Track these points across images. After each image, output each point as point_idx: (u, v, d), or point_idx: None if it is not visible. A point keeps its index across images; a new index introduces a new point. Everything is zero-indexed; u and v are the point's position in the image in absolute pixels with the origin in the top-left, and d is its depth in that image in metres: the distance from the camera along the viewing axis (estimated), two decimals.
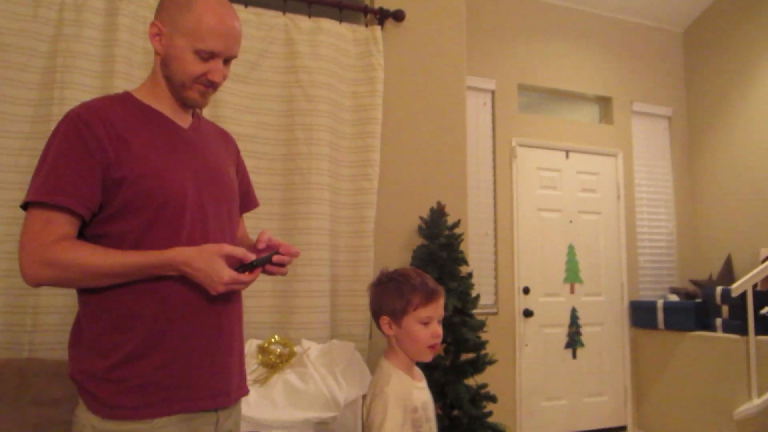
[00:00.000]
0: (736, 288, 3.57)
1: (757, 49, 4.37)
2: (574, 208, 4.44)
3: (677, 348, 4.06)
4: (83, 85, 2.60)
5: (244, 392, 1.33)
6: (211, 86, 1.25)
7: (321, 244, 2.94)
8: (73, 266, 1.11)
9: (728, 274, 4.38)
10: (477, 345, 2.87)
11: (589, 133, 4.56)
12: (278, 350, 2.62)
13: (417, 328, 1.42)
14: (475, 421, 2.75)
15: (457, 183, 3.29)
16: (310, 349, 2.63)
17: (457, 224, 2.93)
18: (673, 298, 4.37)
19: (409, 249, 3.05)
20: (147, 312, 1.15)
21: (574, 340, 4.30)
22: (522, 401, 4.02)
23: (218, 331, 1.22)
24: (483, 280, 3.97)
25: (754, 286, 3.59)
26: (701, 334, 3.90)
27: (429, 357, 1.45)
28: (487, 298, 3.99)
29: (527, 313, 4.14)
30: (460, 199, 3.24)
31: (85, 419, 1.14)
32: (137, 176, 1.16)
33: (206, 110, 2.67)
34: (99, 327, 1.16)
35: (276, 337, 2.74)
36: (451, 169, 3.29)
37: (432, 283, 1.48)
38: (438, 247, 2.80)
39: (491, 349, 2.99)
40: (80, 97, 2.42)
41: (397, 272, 1.52)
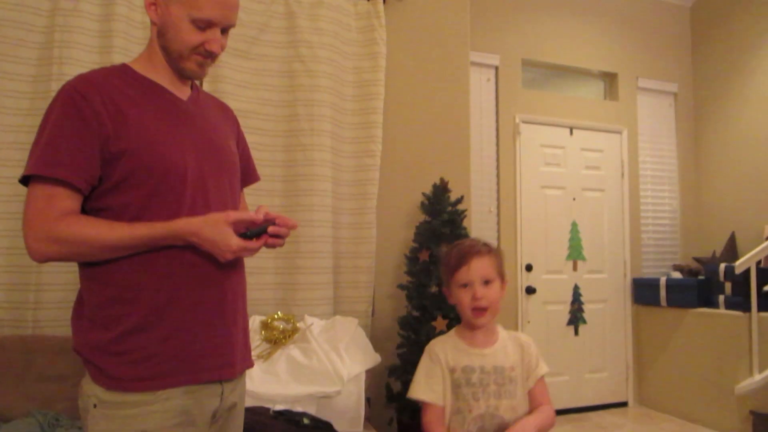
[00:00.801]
0: (739, 265, 3.56)
1: (765, 25, 4.30)
2: (578, 185, 4.42)
3: (679, 325, 4.07)
4: (81, 60, 2.57)
5: (249, 365, 1.33)
6: (209, 57, 1.23)
7: (323, 220, 2.93)
8: (79, 241, 1.11)
9: (732, 251, 4.37)
10: None
11: (593, 110, 4.51)
12: (281, 326, 2.64)
13: (458, 292, 1.46)
14: None
15: (460, 159, 3.27)
16: (313, 324, 2.64)
17: (460, 200, 2.91)
18: (676, 275, 4.37)
19: (411, 226, 3.05)
20: (149, 284, 1.15)
21: (576, 317, 4.31)
22: None
23: (222, 303, 1.22)
24: None
25: (758, 263, 3.58)
26: (703, 311, 3.90)
27: (477, 320, 1.45)
28: None
29: (530, 291, 4.15)
30: (463, 176, 3.22)
31: (90, 390, 1.14)
32: (136, 148, 1.14)
33: (206, 85, 2.64)
34: (101, 299, 1.16)
35: (279, 313, 2.76)
36: (454, 145, 3.27)
37: (467, 247, 1.49)
38: (441, 224, 2.79)
39: None
40: (79, 73, 2.39)
41: (452, 244, 1.56)
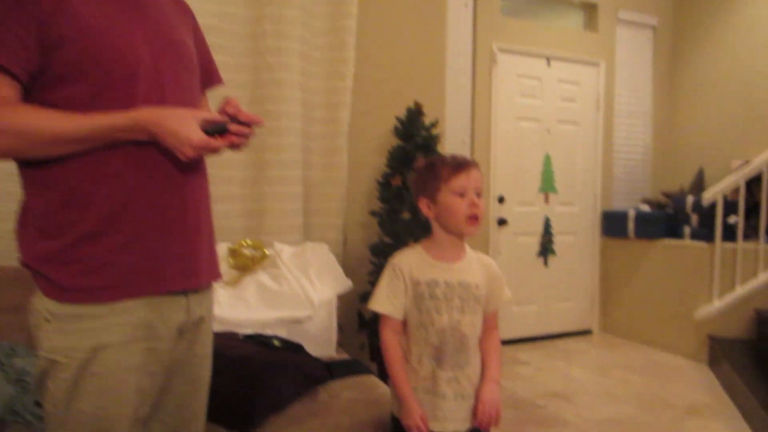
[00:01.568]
0: (707, 197, 3.62)
1: None
2: (553, 117, 4.36)
3: (645, 255, 4.16)
4: None
5: (216, 277, 1.26)
6: None
7: (292, 145, 2.83)
8: (29, 131, 0.99)
9: (699, 186, 4.43)
10: None
11: (572, 41, 4.40)
12: (249, 253, 2.58)
13: (452, 200, 1.40)
14: None
15: (435, 82, 3.17)
16: (283, 251, 2.59)
17: (434, 124, 2.84)
18: (645, 208, 4.42)
19: (384, 151, 2.97)
20: (102, 187, 1.05)
21: (546, 249, 4.36)
22: None
23: (182, 209, 1.13)
24: None
25: (725, 196, 3.63)
26: (669, 242, 3.98)
27: (470, 229, 1.41)
28: None
29: (501, 222, 4.16)
30: (438, 100, 3.13)
31: (41, 305, 1.06)
32: (78, 33, 1.02)
33: None
34: (49, 205, 1.06)
35: (247, 240, 2.69)
36: (428, 69, 3.16)
37: (461, 156, 1.47)
38: (414, 148, 2.71)
39: None
40: None
41: (434, 156, 1.53)
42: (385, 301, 1.44)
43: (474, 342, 1.43)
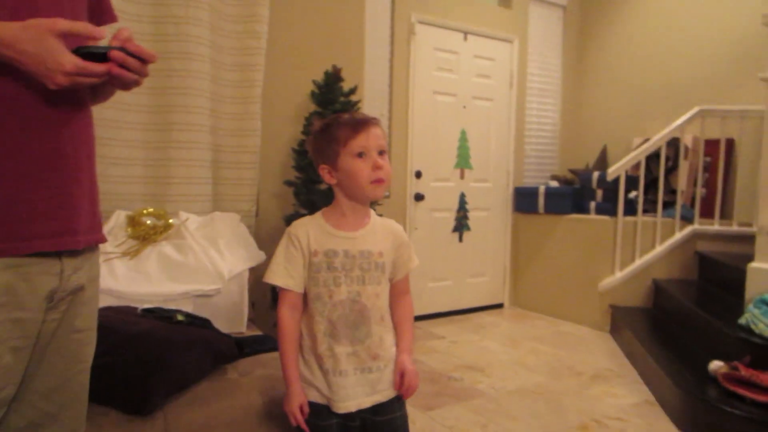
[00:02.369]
0: (611, 172, 3.77)
1: None
2: (469, 93, 4.38)
3: (554, 231, 4.30)
4: None
5: (99, 239, 1.07)
6: None
7: (199, 106, 2.60)
8: None
9: (603, 163, 4.65)
10: None
11: (487, 16, 4.42)
12: (151, 222, 2.35)
13: (353, 163, 1.28)
14: None
15: (354, 46, 3.04)
16: (189, 220, 2.39)
17: (353, 90, 2.72)
18: (554, 184, 4.57)
19: (300, 118, 2.82)
20: None
21: (461, 224, 4.40)
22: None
23: (57, 154, 0.93)
24: None
25: (626, 171, 3.81)
26: (576, 216, 4.14)
27: (376, 192, 1.30)
28: None
29: (418, 197, 4.14)
30: (357, 65, 3.01)
31: None
32: None
33: None
34: None
35: (149, 208, 2.46)
36: (347, 31, 3.02)
37: (360, 115, 1.34)
38: (332, 114, 2.58)
39: None
40: None
41: (329, 117, 1.38)
42: (282, 273, 1.32)
43: (377, 313, 1.34)
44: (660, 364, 2.67)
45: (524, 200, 4.53)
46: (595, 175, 4.09)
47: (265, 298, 2.84)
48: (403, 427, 1.38)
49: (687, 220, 3.82)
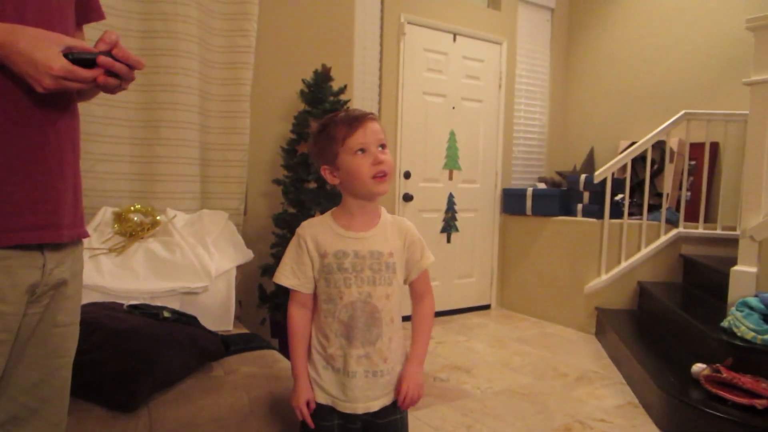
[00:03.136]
0: (598, 175, 3.81)
1: None
2: (458, 94, 4.39)
3: (541, 233, 4.33)
4: None
5: (81, 233, 1.06)
6: None
7: (188, 104, 2.59)
8: None
9: (590, 165, 4.69)
10: None
11: (476, 17, 4.44)
12: (138, 218, 2.33)
13: (352, 160, 1.27)
14: None
15: (343, 46, 3.04)
16: (176, 217, 2.37)
17: (343, 90, 2.72)
18: (541, 186, 4.60)
19: (289, 117, 2.81)
20: None
21: (449, 226, 4.41)
22: None
23: (42, 149, 0.93)
24: None
25: (613, 174, 3.85)
26: (563, 218, 4.17)
27: (380, 187, 1.28)
28: None
29: (407, 198, 4.14)
30: (346, 64, 3.01)
31: None
32: None
33: None
34: None
35: (136, 205, 2.44)
36: (336, 30, 3.02)
37: (357, 111, 1.33)
38: (321, 114, 2.58)
39: None
40: None
41: (325, 117, 1.36)
42: (289, 274, 1.33)
43: (388, 314, 1.33)
44: (644, 366, 2.70)
45: (512, 202, 4.56)
46: (582, 177, 4.13)
47: (252, 296, 2.83)
48: (403, 430, 1.38)
49: (672, 223, 3.87)
